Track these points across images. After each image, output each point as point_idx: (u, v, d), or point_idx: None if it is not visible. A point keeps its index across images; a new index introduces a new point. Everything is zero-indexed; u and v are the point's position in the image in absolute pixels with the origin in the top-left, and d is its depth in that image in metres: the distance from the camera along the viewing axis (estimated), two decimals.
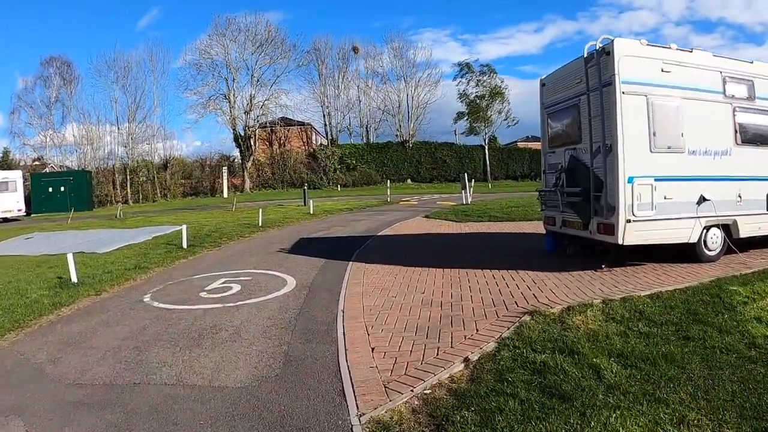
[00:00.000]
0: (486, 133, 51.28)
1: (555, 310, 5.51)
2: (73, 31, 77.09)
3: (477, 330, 5.10)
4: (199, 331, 5.49)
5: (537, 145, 67.83)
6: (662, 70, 7.71)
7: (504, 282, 7.09)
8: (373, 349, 4.74)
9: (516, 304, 5.93)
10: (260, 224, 16.27)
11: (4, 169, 33.15)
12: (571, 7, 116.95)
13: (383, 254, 10.06)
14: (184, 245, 11.89)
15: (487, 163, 52.62)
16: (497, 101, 49.66)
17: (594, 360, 4.14)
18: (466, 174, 21.57)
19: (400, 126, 51.07)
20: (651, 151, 7.48)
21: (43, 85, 43.10)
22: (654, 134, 7.51)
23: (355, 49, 51.51)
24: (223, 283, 7.94)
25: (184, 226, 12.71)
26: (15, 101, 42.72)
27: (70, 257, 8.40)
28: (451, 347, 4.68)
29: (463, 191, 21.82)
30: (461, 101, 51.10)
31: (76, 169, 40.03)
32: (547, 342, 4.61)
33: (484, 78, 49.47)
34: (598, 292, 6.26)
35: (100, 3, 76.31)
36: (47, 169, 40.93)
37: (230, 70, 45.37)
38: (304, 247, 11.87)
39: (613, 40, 7.44)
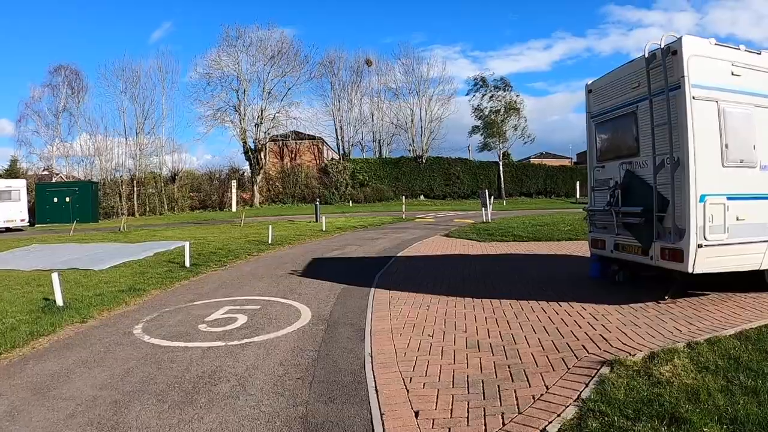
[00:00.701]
0: (501, 149, 50.29)
1: (636, 359, 4.41)
2: (86, 43, 77.87)
3: (546, 387, 3.99)
4: (194, 381, 4.42)
5: (552, 162, 66.87)
6: (732, 74, 6.70)
7: (559, 317, 5.98)
8: (416, 413, 3.65)
9: (584, 348, 4.83)
10: (270, 241, 15.27)
11: (11, 178, 32.52)
12: (580, 24, 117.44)
13: (409, 280, 8.99)
14: (187, 264, 10.90)
15: (502, 179, 51.61)
16: (512, 116, 48.75)
17: (705, 430, 3.13)
18: (486, 190, 20.50)
19: (413, 141, 50.28)
20: (723, 166, 6.45)
21: (51, 94, 42.68)
22: (726, 146, 6.47)
23: (368, 62, 51.03)
24: (227, 312, 6.87)
25: (187, 243, 11.72)
26: (23, 109, 42.15)
27: (55, 278, 7.40)
28: (519, 413, 3.58)
29: (483, 208, 20.73)
30: (475, 116, 50.32)
31: (83, 179, 39.37)
32: (639, 404, 3.53)
33: (499, 93, 48.65)
34: (674, 331, 5.22)
35: (114, 15, 76.85)
36: (54, 179, 40.34)
37: (241, 81, 44.81)
38: (318, 268, 10.81)
39: (680, 38, 6.41)
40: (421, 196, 48.85)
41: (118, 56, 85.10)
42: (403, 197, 29.33)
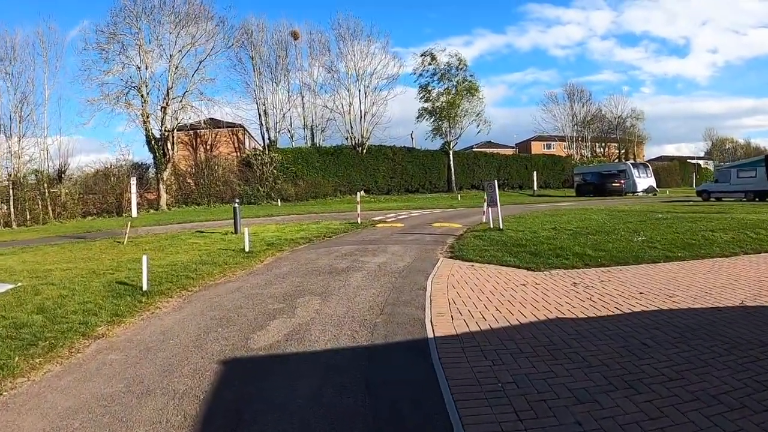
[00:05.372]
0: (453, 136, 44.24)
1: None
2: None
3: None
4: None
5: (507, 152, 62.30)
6: None
7: None
8: None
9: None
10: (145, 287, 7.79)
11: None
12: (499, 21, 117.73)
13: None
14: None
15: (452, 170, 45.70)
16: (466, 99, 42.78)
17: None
18: (495, 182, 13.90)
19: (351, 127, 42.96)
20: None
21: None
22: None
23: (294, 35, 43.13)
24: None
25: None
26: None
27: None
28: None
29: (489, 207, 14.08)
30: (423, 98, 43.96)
31: None
32: None
33: (452, 71, 42.53)
34: None
35: None
36: None
37: (142, 55, 35.20)
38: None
39: None
40: (362, 192, 41.80)
41: None
42: (359, 194, 22.24)
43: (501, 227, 13.34)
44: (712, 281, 7.34)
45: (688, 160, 74.24)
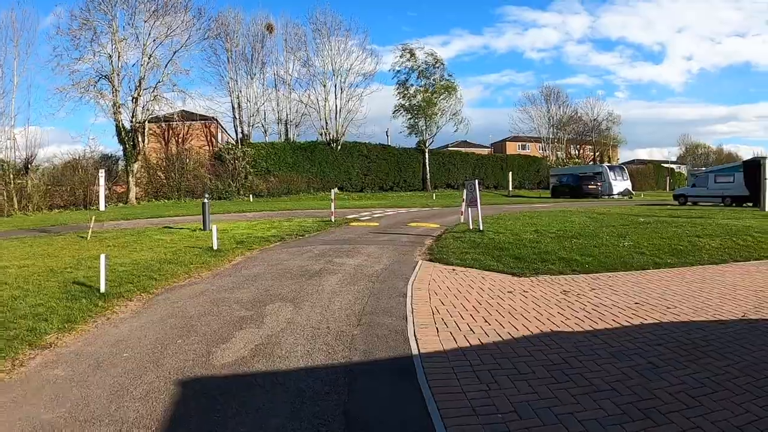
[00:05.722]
0: (430, 134, 43.83)
1: None
2: None
3: None
4: None
5: (482, 151, 62.34)
6: None
7: None
8: None
9: None
10: (102, 288, 7.03)
11: None
12: (477, 22, 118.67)
13: None
14: None
15: (428, 169, 45.35)
16: (442, 97, 42.42)
17: None
18: (477, 182, 13.35)
19: (326, 123, 42.09)
20: None
21: None
22: None
23: (269, 28, 42.05)
24: None
25: None
26: None
27: None
28: None
29: (468, 207, 13.57)
30: (400, 95, 43.44)
31: None
32: None
33: (429, 69, 42.11)
34: None
35: None
36: None
37: (115, 43, 33.48)
38: None
39: None
40: (336, 189, 41.05)
41: None
42: (333, 191, 21.52)
43: (481, 228, 12.87)
44: (707, 291, 6.98)
45: (662, 164, 75.75)
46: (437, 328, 5.31)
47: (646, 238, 11.27)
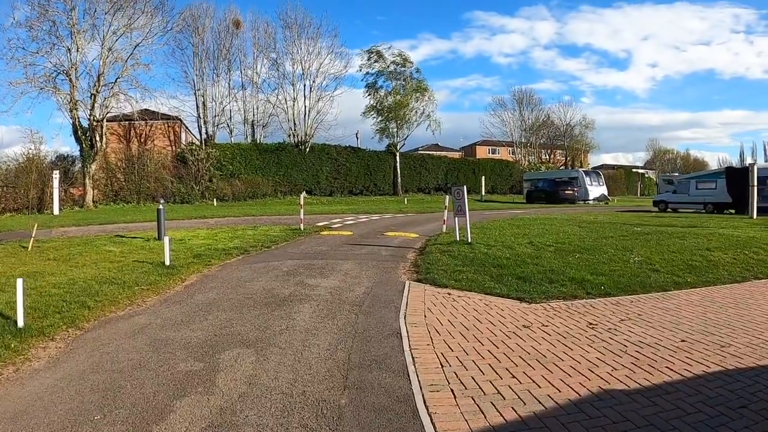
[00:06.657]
0: (401, 137, 42.68)
1: None
2: None
3: None
4: None
5: (453, 155, 61.54)
6: None
7: None
8: None
9: None
10: (20, 323, 5.45)
11: None
12: (445, 27, 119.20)
13: None
14: None
15: (399, 172, 44.17)
16: (414, 98, 41.33)
17: None
18: (464, 187, 12.16)
19: (294, 124, 40.41)
20: None
21: None
22: None
23: (236, 24, 40.21)
24: None
25: None
26: None
27: None
28: None
29: (456, 215, 12.31)
30: (370, 95, 42.16)
31: None
32: None
33: (398, 68, 40.98)
34: None
35: None
36: None
37: (74, 35, 30.86)
38: None
39: None
40: (304, 193, 39.35)
41: None
42: (302, 195, 19.95)
43: (469, 240, 11.62)
44: (749, 319, 5.92)
45: (633, 170, 76.65)
46: (453, 391, 3.96)
47: (654, 252, 10.23)
